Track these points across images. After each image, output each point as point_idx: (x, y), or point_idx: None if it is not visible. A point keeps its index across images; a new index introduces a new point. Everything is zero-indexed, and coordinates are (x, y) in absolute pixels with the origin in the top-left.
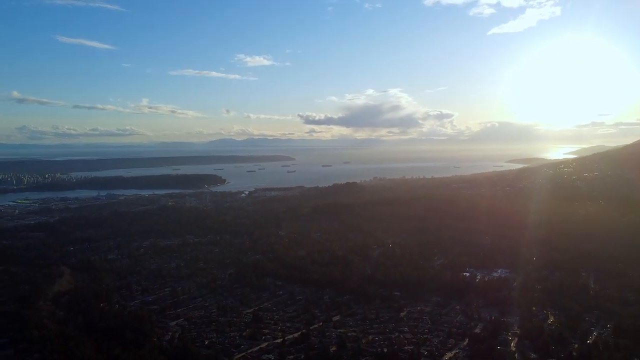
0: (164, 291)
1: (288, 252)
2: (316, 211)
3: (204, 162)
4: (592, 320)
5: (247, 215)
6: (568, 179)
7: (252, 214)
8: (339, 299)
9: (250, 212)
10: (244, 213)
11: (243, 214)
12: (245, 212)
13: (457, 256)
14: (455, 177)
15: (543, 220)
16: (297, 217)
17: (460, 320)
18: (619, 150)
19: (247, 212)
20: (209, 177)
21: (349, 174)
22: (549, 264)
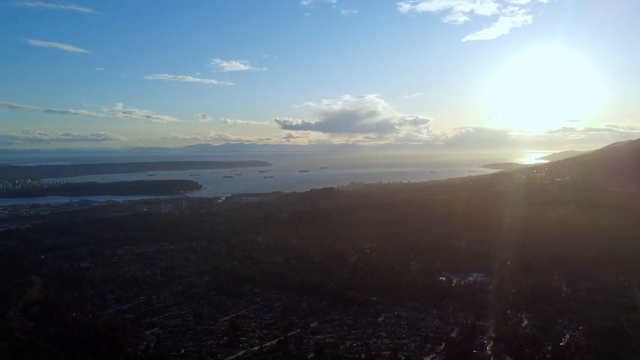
0: (138, 299)
1: (265, 258)
2: (294, 217)
3: (180, 167)
4: (564, 322)
5: (223, 221)
6: (541, 184)
7: (229, 220)
8: (317, 305)
9: (227, 218)
10: (221, 219)
11: (220, 220)
12: (222, 218)
13: (433, 261)
14: (431, 182)
15: (517, 225)
16: (274, 223)
17: (436, 324)
18: (588, 156)
19: (223, 218)
20: (185, 183)
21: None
22: (522, 267)
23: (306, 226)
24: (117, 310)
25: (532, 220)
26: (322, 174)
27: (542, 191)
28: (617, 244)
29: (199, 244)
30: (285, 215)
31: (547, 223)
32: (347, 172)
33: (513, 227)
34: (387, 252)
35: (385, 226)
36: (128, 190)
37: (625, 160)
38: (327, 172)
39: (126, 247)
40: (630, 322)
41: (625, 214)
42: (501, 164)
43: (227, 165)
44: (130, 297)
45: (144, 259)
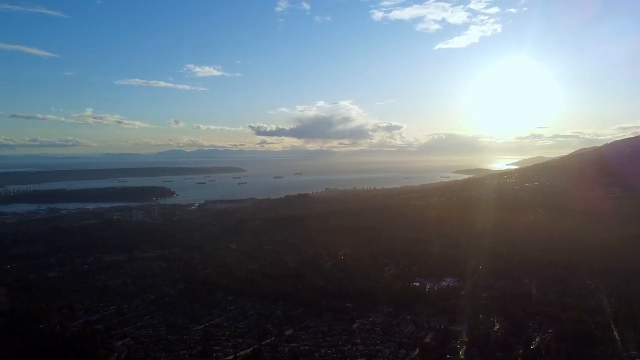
0: (109, 309)
1: (239, 266)
2: (268, 223)
3: (152, 173)
4: (535, 325)
5: (197, 228)
6: (511, 189)
7: (202, 227)
8: (292, 312)
9: (201, 225)
10: (194, 226)
11: (193, 227)
12: (195, 225)
13: (407, 266)
14: (404, 187)
15: (488, 229)
16: (248, 230)
17: (411, 330)
18: (556, 161)
19: (197, 225)
20: (157, 190)
21: (301, 185)
22: (494, 272)
23: (281, 233)
24: (87, 321)
25: (503, 225)
26: (297, 180)
27: (512, 196)
28: (585, 248)
29: (171, 252)
30: (259, 222)
31: (518, 228)
32: (321, 178)
33: (485, 232)
34: (361, 258)
35: (359, 232)
36: (98, 197)
37: (591, 165)
38: (301, 178)
39: (96, 256)
40: (598, 324)
41: (591, 218)
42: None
43: (201, 171)
44: (100, 307)
45: (115, 267)
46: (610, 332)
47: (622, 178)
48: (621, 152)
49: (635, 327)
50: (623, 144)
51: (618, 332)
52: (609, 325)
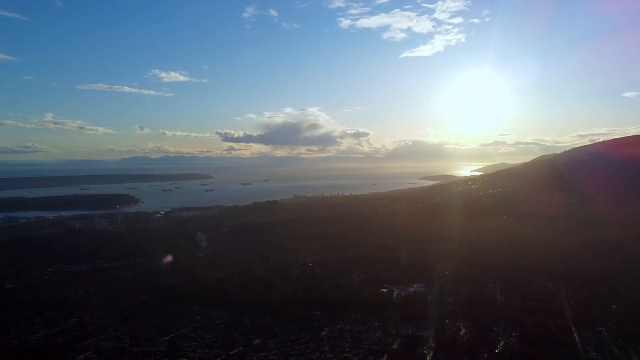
0: (70, 322)
1: (206, 275)
2: (236, 231)
3: (116, 181)
4: (499, 330)
5: (162, 236)
6: (475, 195)
7: (168, 235)
8: (260, 321)
9: (167, 234)
10: (160, 234)
11: (158, 235)
12: (161, 233)
13: (375, 272)
14: (372, 194)
15: (454, 235)
16: (216, 238)
17: (379, 336)
18: (519, 168)
19: (162, 234)
20: (121, 197)
21: (269, 192)
22: (460, 277)
23: (249, 240)
24: (46, 334)
25: (468, 231)
26: (265, 187)
27: (477, 202)
28: (546, 252)
29: (136, 261)
30: (227, 230)
31: (482, 233)
32: (289, 184)
33: (450, 238)
34: (330, 265)
35: (328, 239)
36: (59, 205)
37: (551, 172)
38: (269, 184)
39: (56, 266)
40: (559, 327)
41: (552, 223)
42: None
43: (166, 178)
44: (61, 319)
45: (76, 278)
46: (571, 334)
47: (580, 184)
48: (579, 160)
49: (594, 329)
50: (580, 152)
51: (578, 335)
52: (570, 328)
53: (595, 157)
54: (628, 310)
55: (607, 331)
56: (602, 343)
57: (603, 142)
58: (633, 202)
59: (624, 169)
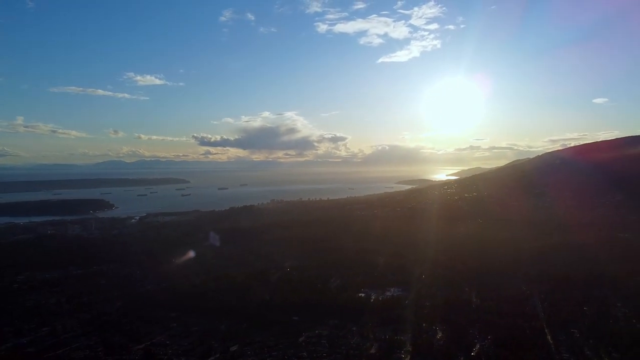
0: (41, 331)
1: (182, 281)
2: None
3: (90, 185)
4: (475, 332)
5: (137, 242)
6: (451, 199)
7: (143, 241)
8: (237, 327)
9: (142, 239)
10: (135, 240)
11: (133, 241)
12: (135, 239)
13: (353, 277)
14: (350, 198)
15: (431, 239)
16: (192, 243)
17: (356, 341)
18: (493, 172)
19: (137, 240)
20: (94, 202)
21: (247, 196)
22: (436, 280)
23: (225, 245)
24: (16, 344)
25: (444, 235)
26: (242, 192)
27: (453, 206)
28: (520, 255)
29: (110, 268)
30: (204, 235)
31: (458, 237)
32: (267, 189)
33: (427, 242)
34: (308, 270)
35: (306, 243)
36: (30, 211)
37: (524, 176)
38: (247, 189)
39: (27, 274)
40: (533, 329)
41: (525, 226)
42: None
43: (142, 182)
44: (32, 328)
45: (48, 285)
46: (544, 336)
47: (552, 189)
48: (551, 164)
49: (566, 330)
50: (552, 156)
51: (551, 336)
52: (543, 330)
53: (567, 162)
54: (598, 311)
55: (579, 332)
56: (574, 344)
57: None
58: (603, 206)
59: (594, 174)
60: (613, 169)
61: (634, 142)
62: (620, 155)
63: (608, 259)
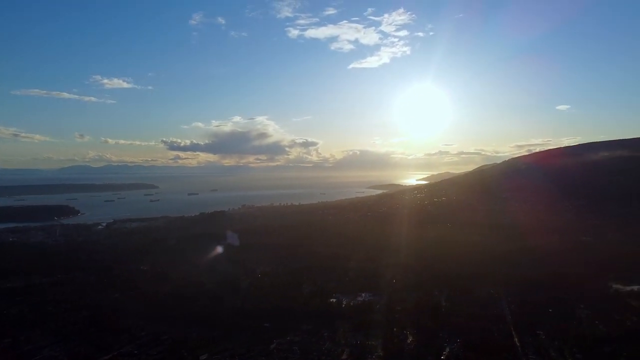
0: (3, 342)
1: (151, 288)
2: (182, 242)
3: (54, 191)
4: (444, 336)
5: (104, 249)
6: (421, 204)
7: (110, 248)
8: (208, 335)
9: (109, 246)
10: (101, 247)
11: (100, 248)
12: (102, 246)
13: (325, 282)
14: (321, 203)
15: (401, 244)
16: (161, 250)
17: (328, 347)
18: (462, 177)
19: (104, 246)
20: (59, 208)
21: (217, 202)
22: (407, 285)
23: (196, 252)
24: None
25: (414, 239)
26: (213, 197)
27: (422, 211)
28: (488, 259)
29: (76, 276)
30: (173, 241)
31: (428, 241)
32: (238, 194)
33: (398, 246)
34: (279, 276)
35: (277, 249)
36: None
37: (492, 181)
38: (217, 194)
39: None
40: (501, 332)
41: (493, 231)
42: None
43: (109, 188)
44: None
45: (10, 295)
46: (512, 338)
47: (518, 193)
48: (517, 169)
49: (532, 332)
50: (518, 162)
51: (518, 339)
52: (511, 332)
53: (532, 167)
54: (563, 313)
55: (544, 334)
56: (540, 346)
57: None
58: (566, 211)
59: (558, 178)
60: (575, 174)
61: (595, 148)
62: (582, 161)
63: (571, 262)
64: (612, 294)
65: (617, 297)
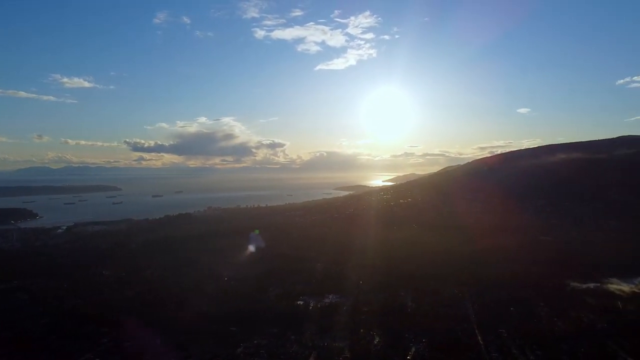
0: None
1: (114, 294)
2: (146, 246)
3: (10, 193)
4: (410, 337)
5: (65, 254)
6: (387, 205)
7: (71, 252)
8: (172, 341)
9: (69, 251)
10: (62, 252)
11: (60, 253)
12: (62, 250)
13: (291, 285)
14: (288, 205)
15: (368, 245)
16: (124, 254)
17: (295, 350)
18: (427, 178)
19: (65, 251)
20: (16, 212)
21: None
22: (374, 286)
23: (160, 256)
24: None
25: (381, 241)
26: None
27: (389, 212)
28: (452, 260)
29: (34, 282)
30: (136, 245)
31: (394, 243)
32: (204, 196)
33: (365, 248)
34: (246, 279)
35: (244, 252)
36: None
37: (456, 182)
38: (182, 196)
39: None
40: (465, 331)
41: (457, 231)
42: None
43: (69, 190)
44: None
45: None
46: (475, 337)
47: (481, 194)
48: (480, 170)
49: (495, 331)
50: (481, 163)
51: (482, 338)
52: (474, 332)
53: (494, 169)
54: (524, 311)
55: (506, 332)
56: (502, 344)
57: (500, 154)
58: (527, 211)
59: (519, 180)
60: (535, 175)
61: (554, 150)
62: (541, 163)
63: (532, 261)
64: (570, 292)
65: (575, 294)
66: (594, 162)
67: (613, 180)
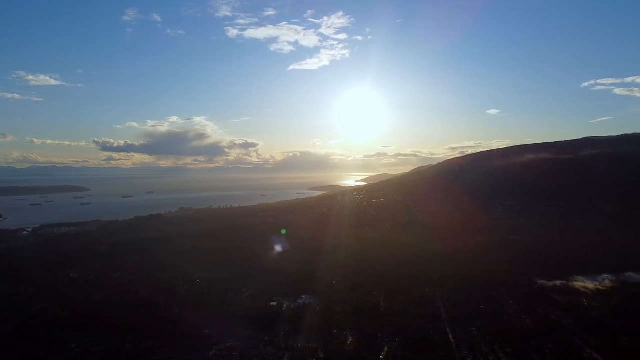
0: None
1: (82, 297)
2: (116, 248)
3: None
4: (383, 336)
5: (31, 257)
6: (360, 205)
7: (37, 255)
8: (144, 344)
9: (35, 253)
10: (27, 254)
11: (25, 255)
12: (28, 253)
13: (265, 286)
14: (261, 205)
15: (341, 245)
16: (93, 256)
17: (269, 351)
18: (399, 178)
19: (30, 254)
20: None
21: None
22: (347, 287)
23: (130, 258)
24: None
25: (354, 241)
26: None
27: (362, 212)
28: (424, 259)
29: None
30: (105, 247)
31: (367, 243)
32: (175, 197)
33: (338, 248)
34: (218, 281)
35: (216, 253)
36: None
37: (428, 182)
38: (153, 197)
39: None
40: (436, 330)
41: (429, 231)
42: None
43: (35, 190)
44: None
45: None
46: (447, 335)
47: (452, 194)
48: (451, 170)
49: (466, 329)
50: (452, 163)
51: (453, 336)
52: (445, 330)
53: (465, 169)
54: (493, 309)
55: (476, 330)
56: (473, 342)
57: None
58: (496, 211)
59: (488, 180)
60: (504, 175)
61: (522, 150)
62: (511, 163)
63: (500, 259)
64: (537, 290)
65: (542, 292)
66: (560, 162)
67: (578, 180)
